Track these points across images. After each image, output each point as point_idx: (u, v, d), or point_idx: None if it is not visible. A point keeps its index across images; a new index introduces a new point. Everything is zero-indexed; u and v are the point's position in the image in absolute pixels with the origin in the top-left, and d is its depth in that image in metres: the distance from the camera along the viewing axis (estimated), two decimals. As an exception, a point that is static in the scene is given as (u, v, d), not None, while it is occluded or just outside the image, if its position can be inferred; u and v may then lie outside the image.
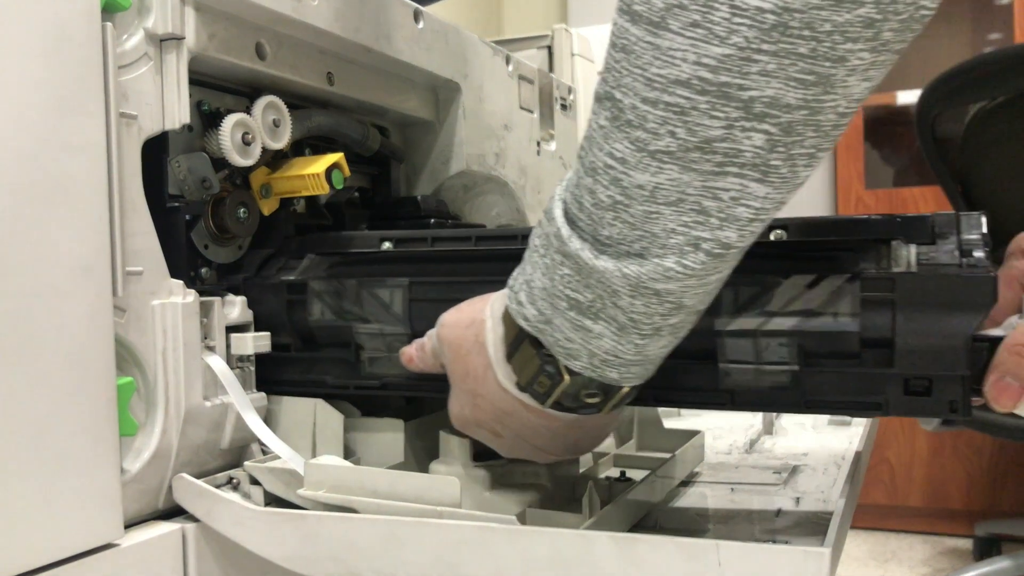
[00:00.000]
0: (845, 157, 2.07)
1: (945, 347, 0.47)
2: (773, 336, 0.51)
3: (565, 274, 0.45)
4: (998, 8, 2.21)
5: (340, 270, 0.66)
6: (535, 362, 0.49)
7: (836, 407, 0.52)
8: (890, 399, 0.50)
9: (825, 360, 0.51)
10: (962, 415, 0.48)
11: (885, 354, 0.49)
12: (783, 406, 0.53)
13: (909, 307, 0.48)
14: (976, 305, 0.47)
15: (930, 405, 0.49)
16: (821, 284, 0.50)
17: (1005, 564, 1.62)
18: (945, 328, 0.47)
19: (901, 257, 0.50)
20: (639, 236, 0.42)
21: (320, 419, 0.64)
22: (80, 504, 0.50)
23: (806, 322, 0.50)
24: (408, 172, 0.88)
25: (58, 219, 0.49)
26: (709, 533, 0.56)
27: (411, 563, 0.50)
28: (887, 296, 0.48)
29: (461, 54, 0.87)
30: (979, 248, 0.49)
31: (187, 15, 0.58)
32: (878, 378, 0.50)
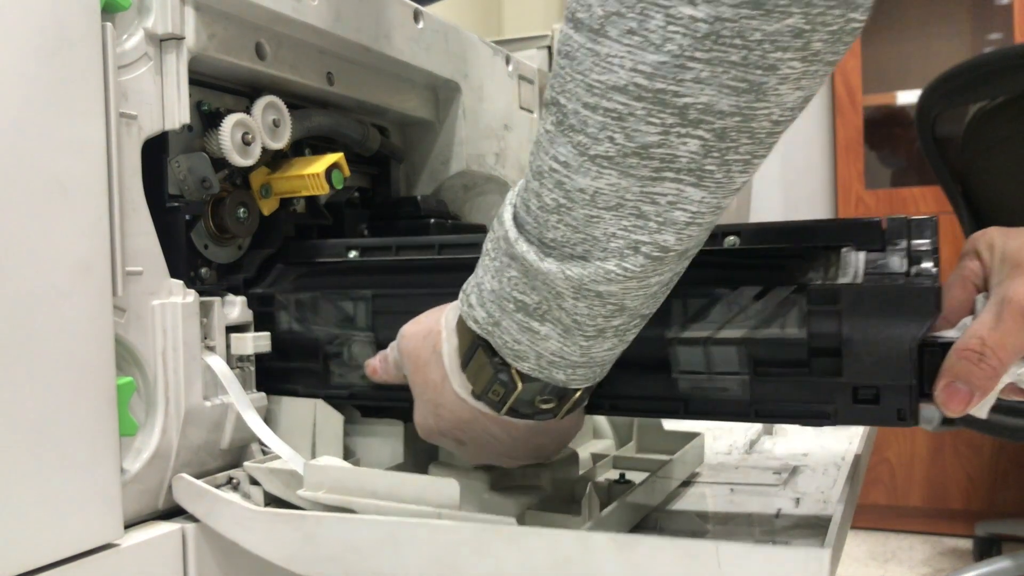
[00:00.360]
0: (845, 157, 2.07)
1: (891, 356, 0.47)
2: (723, 345, 0.51)
3: (512, 276, 0.46)
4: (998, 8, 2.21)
5: (306, 281, 0.66)
6: (488, 370, 0.50)
7: (786, 416, 0.52)
8: (839, 408, 0.50)
9: (775, 369, 0.51)
10: (909, 423, 0.48)
11: (834, 363, 0.49)
12: (735, 415, 0.53)
13: (854, 317, 0.48)
14: (920, 315, 0.47)
15: (878, 413, 0.49)
16: (769, 295, 0.50)
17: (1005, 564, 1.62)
18: (891, 337, 0.47)
19: (849, 265, 0.50)
20: (581, 239, 0.43)
21: (320, 420, 0.64)
22: (80, 504, 0.50)
23: (755, 332, 0.50)
24: (408, 172, 0.88)
25: (58, 219, 0.49)
26: (709, 534, 0.56)
27: (410, 564, 0.50)
28: (832, 307, 0.49)
29: (461, 54, 0.87)
30: (928, 255, 0.49)
31: (187, 15, 0.58)
32: (827, 387, 0.50)
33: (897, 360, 0.47)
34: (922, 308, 0.47)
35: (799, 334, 0.50)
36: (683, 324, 0.52)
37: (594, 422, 0.80)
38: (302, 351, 0.65)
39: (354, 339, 0.63)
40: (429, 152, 0.88)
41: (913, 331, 0.47)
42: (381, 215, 0.80)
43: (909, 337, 0.47)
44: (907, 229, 0.50)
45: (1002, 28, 2.16)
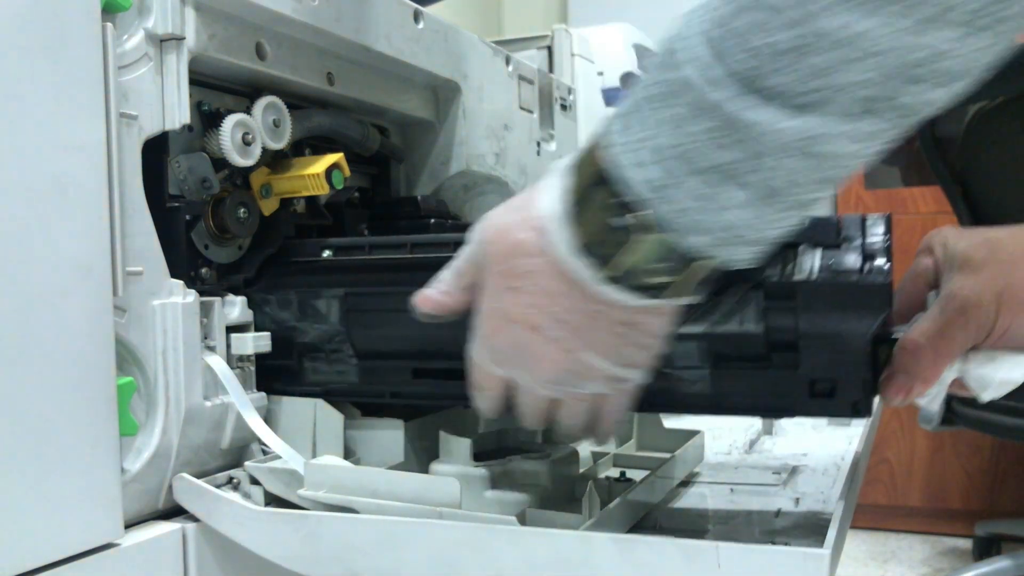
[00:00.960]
0: (845, 157, 2.07)
1: (845, 351, 0.49)
2: (684, 341, 0.52)
3: (705, 129, 0.39)
4: (998, 8, 2.21)
5: (281, 280, 0.66)
6: (604, 216, 0.42)
7: (746, 409, 0.53)
8: (796, 401, 0.51)
9: (734, 363, 0.52)
10: (864, 415, 0.50)
11: (791, 357, 0.50)
12: (696, 408, 0.54)
13: (809, 313, 0.49)
14: (872, 310, 0.48)
15: (835, 406, 0.50)
16: (727, 292, 0.51)
17: (1005, 564, 1.62)
18: (844, 332, 0.49)
19: (805, 262, 0.51)
20: (818, 88, 0.36)
21: (320, 419, 0.64)
22: (80, 504, 0.50)
23: (715, 328, 0.52)
24: (408, 172, 0.88)
25: (58, 219, 0.49)
26: (709, 534, 0.57)
27: (411, 563, 0.50)
28: (788, 303, 0.50)
29: (461, 54, 0.87)
30: (881, 252, 0.50)
31: (187, 15, 0.58)
32: (784, 381, 0.51)
33: (851, 354, 0.49)
34: (874, 304, 0.48)
35: (757, 330, 0.51)
36: None
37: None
38: (277, 348, 0.65)
39: (328, 337, 0.63)
40: (429, 152, 0.88)
41: (866, 326, 0.48)
42: (381, 215, 0.80)
43: (862, 332, 0.48)
44: (862, 227, 0.51)
45: (1002, 28, 2.16)
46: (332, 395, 0.64)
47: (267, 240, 0.69)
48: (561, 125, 1.11)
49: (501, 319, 0.48)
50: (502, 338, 0.48)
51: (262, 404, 0.64)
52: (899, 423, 2.03)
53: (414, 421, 0.66)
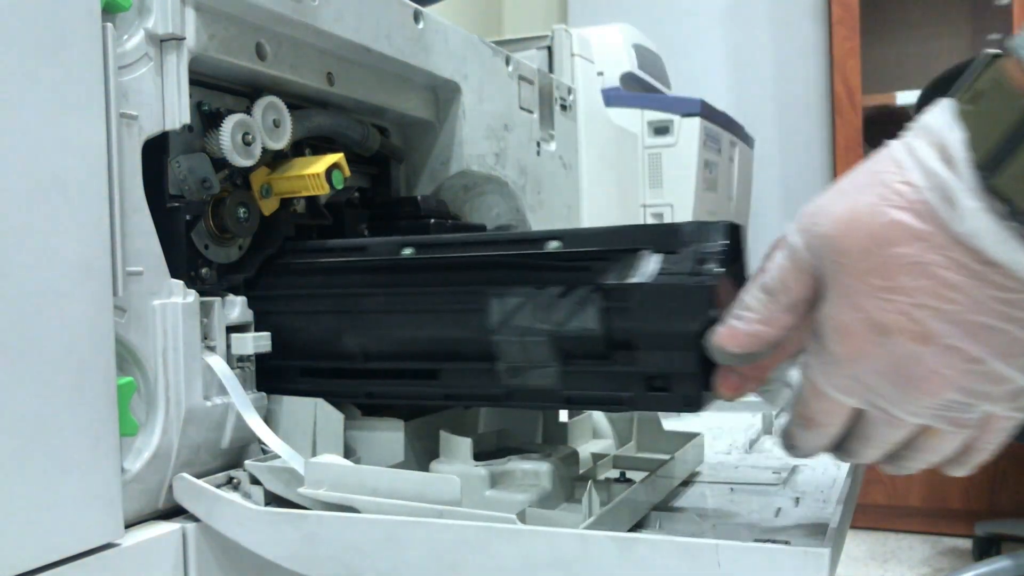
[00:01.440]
0: (844, 157, 2.07)
1: (675, 348, 0.53)
2: (536, 340, 0.57)
3: None
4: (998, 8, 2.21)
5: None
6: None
7: (592, 402, 0.58)
8: (636, 395, 0.55)
9: (581, 361, 0.57)
10: (695, 409, 0.54)
11: (630, 355, 0.55)
12: (550, 402, 0.59)
13: (642, 314, 0.54)
14: (698, 310, 0.52)
15: (669, 400, 0.55)
16: (571, 293, 0.56)
17: (1005, 564, 1.62)
18: (674, 330, 0.53)
19: (644, 266, 0.55)
20: None
21: (320, 419, 0.64)
22: (80, 504, 0.50)
23: (562, 328, 0.56)
24: (408, 172, 0.88)
25: (58, 219, 0.49)
26: (709, 533, 0.57)
27: (411, 563, 0.50)
28: (624, 304, 0.54)
29: (461, 54, 0.87)
30: (714, 257, 0.53)
31: (187, 15, 0.58)
32: (625, 376, 0.55)
33: (681, 352, 0.53)
34: (700, 305, 0.52)
35: (597, 329, 0.55)
36: (502, 321, 0.58)
37: (594, 422, 0.80)
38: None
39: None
40: (429, 152, 0.88)
41: (693, 325, 0.52)
42: (381, 215, 0.80)
43: (690, 331, 0.52)
44: (701, 233, 0.55)
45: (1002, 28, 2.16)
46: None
47: (267, 240, 0.69)
48: (561, 125, 1.11)
49: (870, 333, 0.38)
50: (874, 358, 0.39)
51: (262, 404, 0.64)
52: (899, 423, 2.03)
53: (414, 421, 0.66)
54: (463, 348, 0.60)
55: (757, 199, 2.17)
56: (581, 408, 0.63)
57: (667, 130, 1.60)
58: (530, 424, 0.72)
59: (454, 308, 0.60)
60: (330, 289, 0.65)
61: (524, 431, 0.72)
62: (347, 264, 0.66)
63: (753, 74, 2.31)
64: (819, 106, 2.27)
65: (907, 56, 2.26)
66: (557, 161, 1.09)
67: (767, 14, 2.29)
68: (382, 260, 0.64)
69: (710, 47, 2.33)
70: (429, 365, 0.62)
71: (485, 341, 0.59)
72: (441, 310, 0.61)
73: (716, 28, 2.33)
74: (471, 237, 0.64)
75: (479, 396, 0.61)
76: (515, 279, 0.58)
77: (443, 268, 0.62)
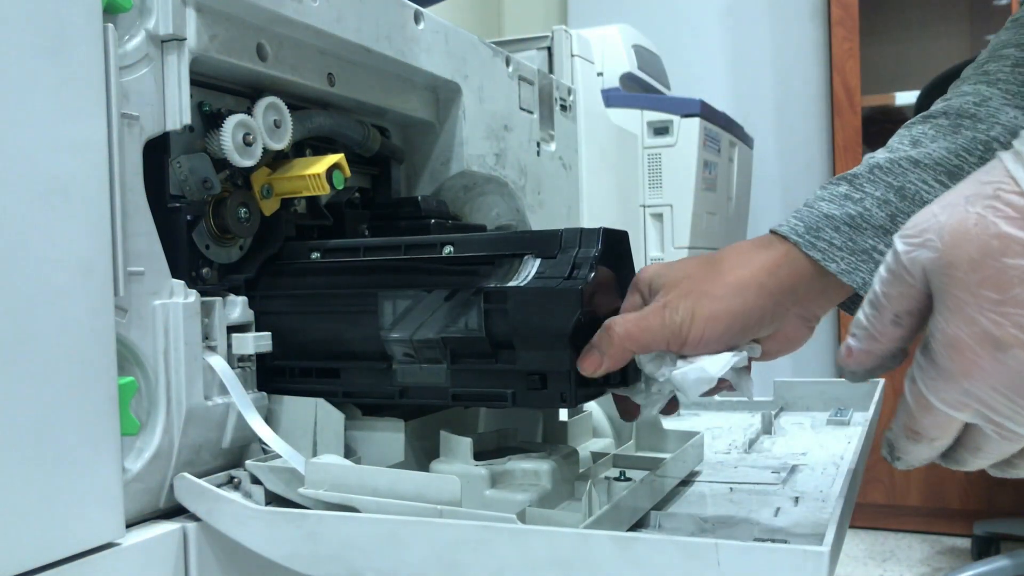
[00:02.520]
0: (843, 157, 2.07)
1: (548, 348, 0.56)
2: (425, 340, 0.60)
3: None
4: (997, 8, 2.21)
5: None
6: None
7: (478, 399, 0.60)
8: (517, 392, 0.58)
9: (468, 360, 0.60)
10: (570, 405, 0.57)
11: (511, 354, 0.58)
12: (440, 398, 0.61)
13: (519, 315, 0.57)
14: (568, 311, 0.55)
15: (546, 397, 0.57)
16: (456, 296, 0.59)
17: (1003, 563, 1.62)
18: (547, 330, 0.56)
19: (524, 270, 0.59)
20: None
21: (321, 418, 0.64)
22: (81, 503, 0.50)
23: (448, 329, 0.59)
24: (408, 172, 0.89)
25: (59, 219, 0.49)
26: (708, 533, 0.57)
27: (411, 562, 0.50)
28: (502, 306, 0.57)
29: (461, 55, 0.87)
30: (587, 263, 0.57)
31: (188, 16, 0.58)
32: (506, 375, 0.58)
33: (553, 351, 0.56)
34: (569, 306, 0.55)
35: (480, 330, 0.58)
36: (394, 322, 0.61)
37: (593, 421, 0.80)
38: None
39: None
40: (430, 153, 0.88)
41: (564, 325, 0.55)
42: (382, 215, 0.81)
43: (560, 331, 0.55)
44: (579, 240, 0.58)
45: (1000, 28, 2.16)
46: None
47: (268, 240, 0.69)
48: (561, 126, 1.11)
49: (984, 348, 0.38)
50: (989, 373, 0.38)
51: (262, 404, 0.64)
52: (898, 423, 2.03)
53: (415, 420, 0.66)
54: (361, 348, 0.63)
55: (756, 199, 2.18)
56: (467, 405, 0.66)
57: (667, 130, 1.60)
58: (530, 423, 0.73)
59: (352, 310, 0.63)
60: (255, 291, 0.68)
61: (524, 430, 0.72)
62: (267, 268, 0.68)
63: (752, 74, 2.31)
64: (818, 106, 2.28)
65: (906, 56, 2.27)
66: (557, 161, 1.10)
67: (767, 14, 2.30)
68: (292, 263, 0.68)
69: (710, 47, 2.33)
70: (331, 364, 0.65)
71: (379, 341, 0.62)
72: (341, 312, 0.64)
73: (716, 29, 2.33)
74: (374, 242, 0.67)
75: (376, 394, 0.64)
76: (407, 282, 0.62)
77: (344, 272, 0.65)
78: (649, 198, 1.61)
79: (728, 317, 0.52)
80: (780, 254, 0.54)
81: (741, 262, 0.54)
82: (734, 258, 0.55)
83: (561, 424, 0.73)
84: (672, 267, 0.56)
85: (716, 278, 0.53)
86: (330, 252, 0.67)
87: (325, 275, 0.66)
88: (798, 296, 0.53)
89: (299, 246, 0.69)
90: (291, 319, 0.66)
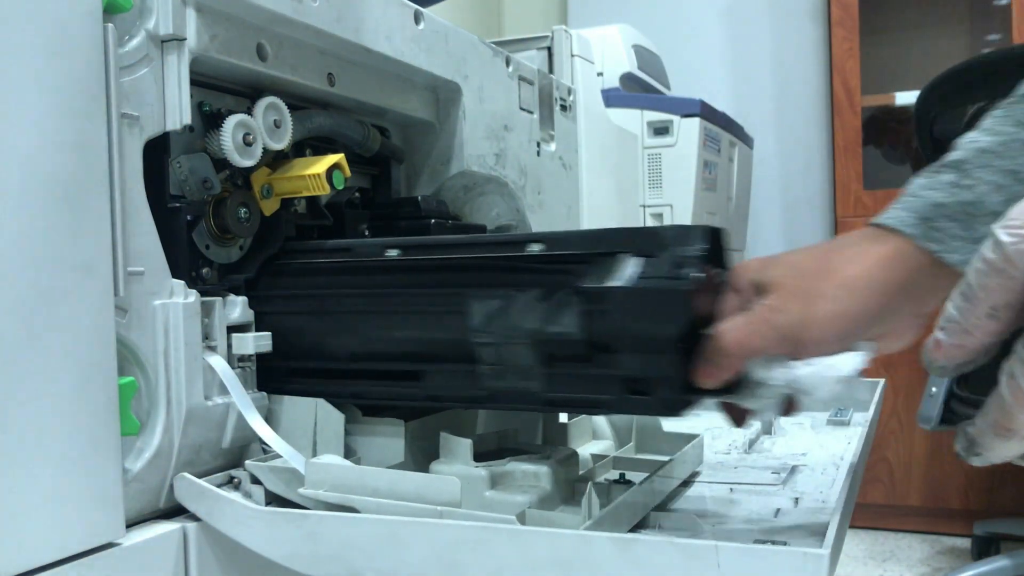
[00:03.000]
0: (844, 158, 2.07)
1: (654, 351, 0.52)
2: (517, 342, 0.57)
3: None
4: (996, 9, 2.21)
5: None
6: None
7: (573, 405, 0.57)
8: (616, 398, 0.55)
9: (562, 363, 0.56)
10: (677, 413, 0.54)
11: (610, 358, 0.54)
12: (529, 404, 0.58)
13: (620, 317, 0.53)
14: (676, 313, 0.51)
15: (650, 404, 0.54)
16: (552, 297, 0.56)
17: (1004, 563, 1.62)
18: (652, 335, 0.52)
19: (624, 270, 0.54)
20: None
21: (321, 419, 0.64)
22: (82, 503, 0.50)
23: (542, 330, 0.56)
24: (408, 173, 0.89)
25: (60, 219, 0.49)
26: (708, 534, 0.57)
27: (411, 563, 0.50)
28: (602, 307, 0.54)
29: (461, 55, 0.87)
30: (693, 262, 0.53)
31: (188, 16, 0.58)
32: (605, 380, 0.55)
33: (659, 356, 0.52)
34: (677, 309, 0.51)
35: (576, 332, 0.55)
36: (484, 323, 0.58)
37: (593, 424, 0.80)
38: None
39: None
40: (430, 153, 0.88)
41: (670, 329, 0.51)
42: (382, 215, 0.80)
43: (667, 335, 0.52)
44: (681, 237, 0.55)
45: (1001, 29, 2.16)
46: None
47: (268, 240, 0.69)
48: (561, 126, 1.11)
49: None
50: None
51: (263, 404, 0.64)
52: (898, 423, 2.03)
53: (415, 421, 0.66)
54: (445, 350, 0.60)
55: (756, 199, 2.18)
56: (561, 411, 0.64)
57: (667, 130, 1.60)
58: (530, 425, 0.73)
59: (436, 310, 0.60)
60: (316, 290, 0.65)
61: (524, 432, 0.72)
62: (332, 265, 0.66)
63: (752, 75, 2.31)
64: (818, 106, 2.28)
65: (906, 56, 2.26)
66: (557, 161, 1.10)
67: (767, 15, 2.30)
68: (368, 261, 0.65)
69: (710, 48, 2.33)
70: (412, 367, 0.62)
71: (467, 343, 0.58)
72: (424, 312, 0.61)
73: (716, 29, 2.33)
74: (455, 239, 0.64)
75: (461, 398, 0.61)
76: (496, 281, 0.58)
77: (426, 270, 0.62)
78: (649, 198, 1.61)
79: (843, 320, 0.49)
80: (891, 249, 0.50)
81: (851, 257, 0.51)
82: (842, 253, 0.52)
83: (561, 426, 0.73)
84: (774, 263, 0.53)
85: (826, 277, 0.50)
86: (408, 249, 0.64)
87: (403, 273, 0.63)
88: (912, 293, 0.51)
89: (373, 244, 0.65)
90: (366, 319, 0.63)
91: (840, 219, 2.06)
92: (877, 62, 2.19)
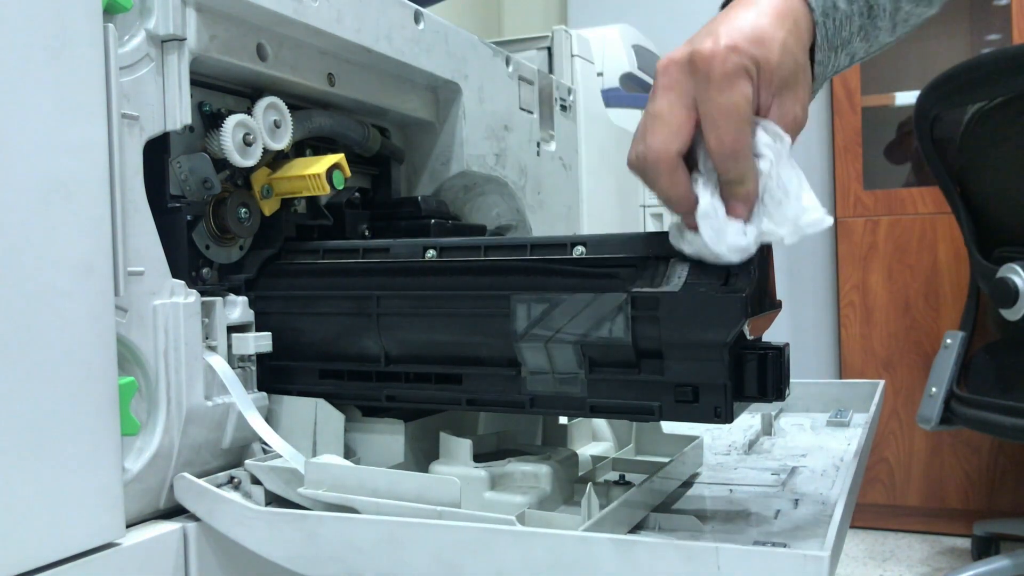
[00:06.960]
0: (843, 158, 2.07)
1: (705, 359, 0.52)
2: (561, 347, 0.56)
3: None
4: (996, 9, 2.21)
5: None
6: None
7: (618, 411, 0.56)
8: (663, 405, 0.54)
9: (607, 369, 0.56)
10: (725, 420, 0.53)
11: (658, 364, 0.54)
12: (573, 410, 0.58)
13: (672, 323, 0.53)
14: (728, 320, 0.51)
15: (698, 411, 0.53)
16: (599, 301, 0.55)
17: (1003, 563, 1.62)
18: (703, 341, 0.52)
19: (674, 275, 0.54)
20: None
21: (321, 419, 0.64)
22: (82, 503, 0.50)
23: (588, 335, 0.55)
24: (409, 172, 0.89)
25: (60, 219, 0.49)
26: (708, 535, 0.57)
27: (411, 563, 0.50)
28: (653, 313, 0.53)
29: (461, 55, 0.87)
30: (744, 270, 0.52)
31: (188, 16, 0.58)
32: (652, 386, 0.54)
33: (710, 362, 0.52)
34: (729, 316, 0.51)
35: (625, 338, 0.54)
36: (528, 327, 0.57)
37: (593, 426, 0.80)
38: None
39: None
40: (430, 153, 0.88)
41: (723, 335, 0.51)
42: (382, 215, 0.80)
43: (718, 342, 0.51)
44: None
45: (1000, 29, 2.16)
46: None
47: (268, 240, 0.69)
48: (561, 125, 1.11)
49: None
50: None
51: (263, 404, 0.64)
52: (898, 423, 2.03)
53: (415, 422, 0.66)
54: (487, 353, 0.59)
55: (757, 199, 2.17)
56: (607, 417, 0.63)
57: (667, 130, 1.60)
58: (530, 426, 0.73)
59: (478, 313, 0.59)
60: (348, 291, 0.64)
61: (524, 433, 0.72)
62: (368, 266, 0.65)
63: (753, 74, 2.30)
64: (818, 106, 2.27)
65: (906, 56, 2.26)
66: (557, 161, 1.10)
67: (767, 14, 2.29)
68: (405, 262, 0.64)
69: (710, 47, 2.32)
70: (452, 370, 0.61)
71: (509, 347, 0.57)
72: (465, 314, 0.60)
73: (716, 28, 2.32)
74: (495, 241, 0.63)
75: (503, 402, 0.60)
76: (541, 285, 0.57)
77: (467, 272, 0.61)
78: (649, 198, 1.61)
79: (743, 28, 0.53)
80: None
81: (745, 4, 0.56)
82: (740, 4, 0.56)
83: (561, 427, 0.73)
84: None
85: (725, 16, 0.55)
86: (448, 251, 0.63)
87: (442, 275, 0.62)
88: (793, 28, 0.55)
89: (412, 244, 0.65)
90: (404, 321, 0.62)
91: (840, 219, 2.06)
92: (877, 62, 2.19)
